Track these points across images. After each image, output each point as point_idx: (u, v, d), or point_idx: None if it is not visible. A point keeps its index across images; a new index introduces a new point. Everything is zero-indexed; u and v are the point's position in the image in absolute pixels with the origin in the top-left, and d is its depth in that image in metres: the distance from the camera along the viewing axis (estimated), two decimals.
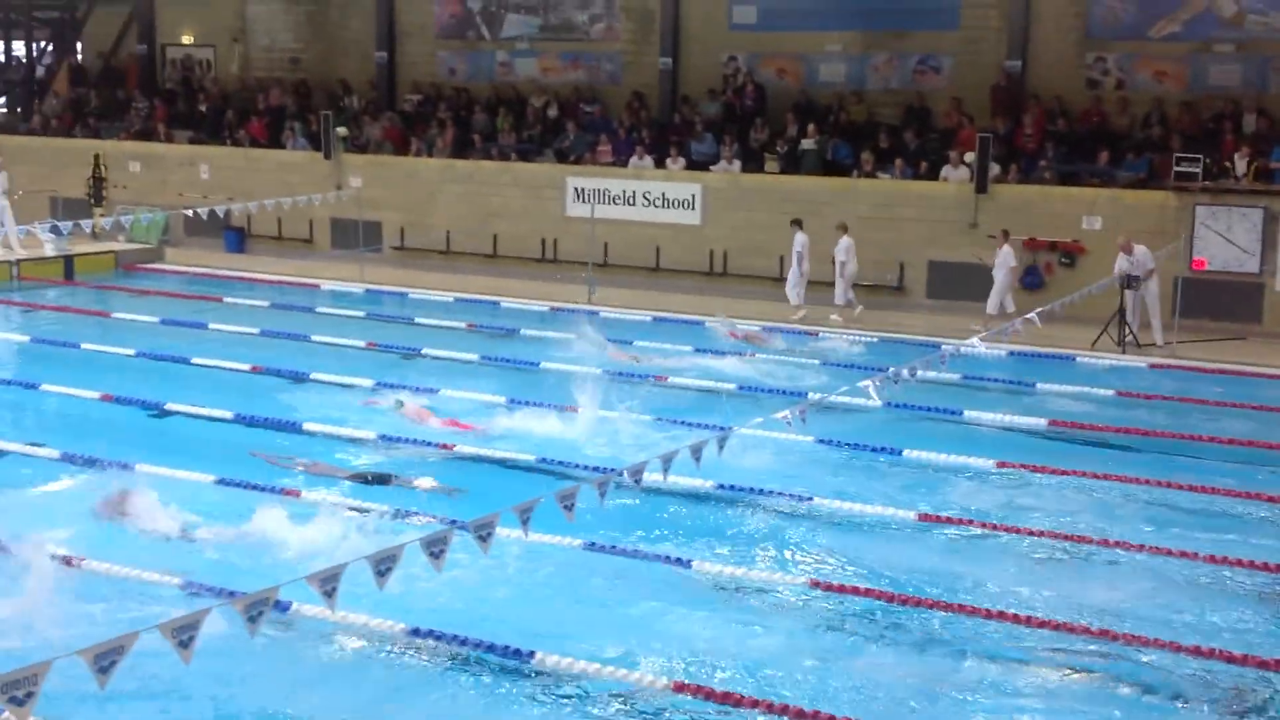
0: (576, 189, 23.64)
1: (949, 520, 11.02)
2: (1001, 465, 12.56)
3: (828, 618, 9.17)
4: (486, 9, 27.30)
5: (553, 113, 25.92)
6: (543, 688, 8.01)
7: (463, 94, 27.07)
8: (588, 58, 26.56)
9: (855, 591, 9.48)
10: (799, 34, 24.63)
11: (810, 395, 12.33)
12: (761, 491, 11.60)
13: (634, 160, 23.74)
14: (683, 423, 13.62)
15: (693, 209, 22.82)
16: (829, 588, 9.53)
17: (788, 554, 10.38)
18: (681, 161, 23.50)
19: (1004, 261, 19.30)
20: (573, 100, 26.08)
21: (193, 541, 10.17)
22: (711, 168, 23.32)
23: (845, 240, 20.11)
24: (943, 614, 9.13)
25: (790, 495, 11.56)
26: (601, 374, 15.97)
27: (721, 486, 11.62)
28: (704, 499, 11.52)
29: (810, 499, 11.46)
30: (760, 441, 12.53)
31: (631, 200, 23.29)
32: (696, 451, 8.98)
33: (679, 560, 9.96)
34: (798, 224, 20.45)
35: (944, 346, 13.23)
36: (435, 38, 27.89)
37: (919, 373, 11.75)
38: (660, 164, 23.57)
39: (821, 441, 13.01)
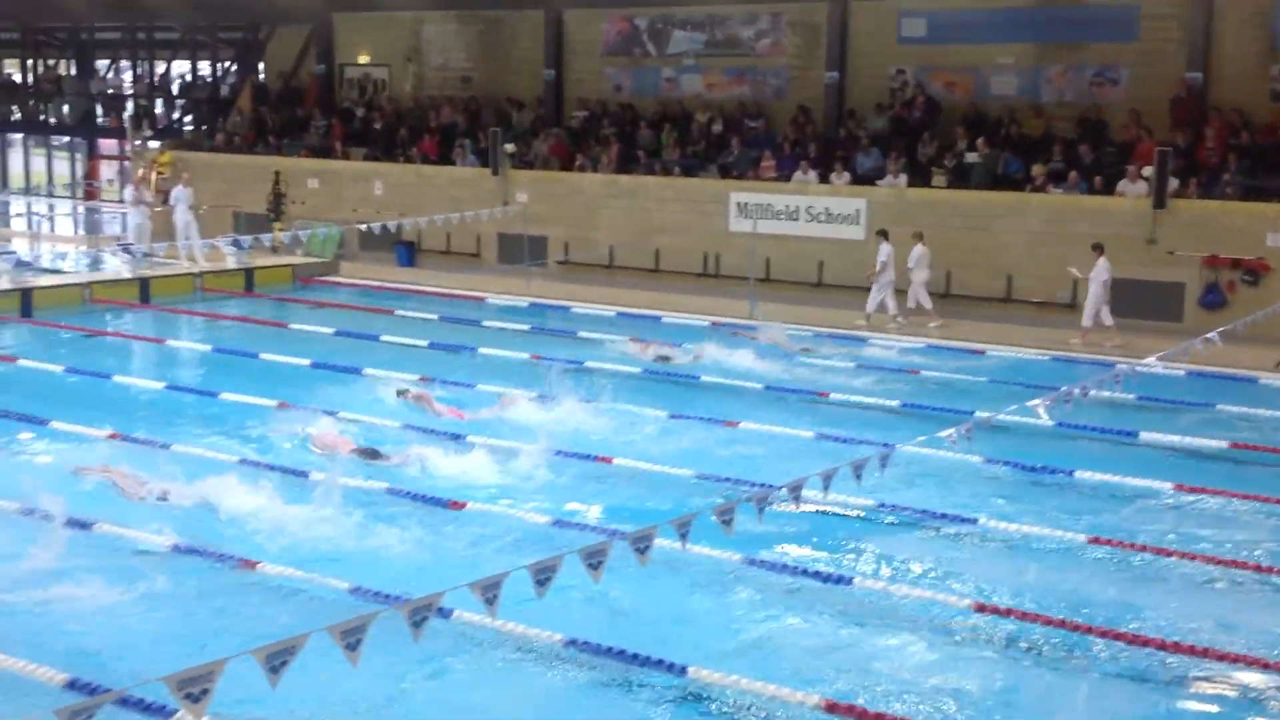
0: (739, 204, 23.61)
1: (1121, 544, 10.64)
2: (1178, 488, 12.09)
3: (990, 641, 8.93)
4: (653, 26, 27.49)
5: (717, 128, 25.94)
6: (696, 703, 7.96)
7: (628, 110, 27.29)
8: (753, 73, 26.53)
9: (1021, 615, 9.21)
10: (970, 46, 24.21)
11: (978, 413, 12.06)
12: (925, 510, 11.38)
13: (798, 175, 23.61)
14: (844, 440, 13.47)
15: (857, 224, 22.59)
16: (994, 610, 9.27)
17: (950, 574, 10.14)
18: (846, 176, 23.29)
19: (1098, 275, 19.02)
20: (737, 115, 26.07)
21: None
22: (877, 182, 23.05)
23: (918, 249, 20.39)
24: (1113, 642, 8.81)
25: (955, 515, 11.31)
26: (764, 389, 15.94)
27: (883, 505, 11.43)
28: (865, 517, 11.35)
29: (975, 519, 11.20)
30: (925, 459, 12.33)
31: (795, 215, 23.17)
32: (858, 469, 8.85)
33: (839, 578, 9.82)
34: (883, 234, 20.62)
35: (1118, 366, 12.82)
36: (602, 55, 28.20)
37: (1091, 392, 11.40)
38: (824, 179, 23.39)
39: (990, 461, 12.71)
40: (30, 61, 38.94)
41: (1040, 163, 22.01)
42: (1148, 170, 20.57)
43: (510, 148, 26.05)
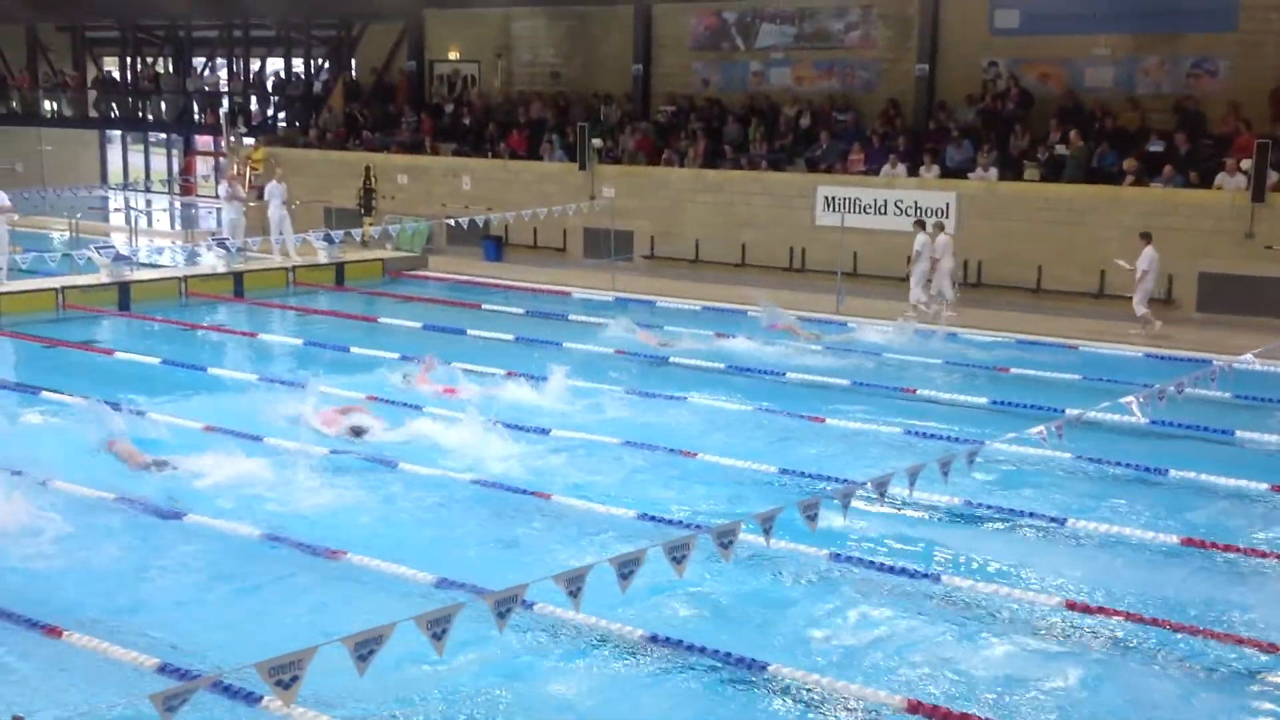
0: (827, 198, 23.46)
1: (1215, 546, 10.41)
2: (1275, 489, 11.79)
3: (1080, 640, 8.78)
4: (742, 20, 27.40)
5: (805, 122, 25.80)
6: (777, 700, 7.93)
7: (715, 104, 27.23)
8: (842, 65, 26.34)
9: (1112, 614, 9.05)
10: (1064, 37, 23.81)
11: (1069, 411, 11.87)
12: (1014, 509, 11.23)
13: (886, 169, 23.40)
14: (932, 435, 13.35)
15: (947, 217, 22.32)
16: (1084, 609, 9.12)
17: (1040, 573, 9.99)
18: (936, 169, 23.03)
19: (1142, 264, 19.10)
20: (826, 109, 25.90)
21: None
22: (968, 175, 22.77)
23: (923, 236, 20.64)
24: (1205, 641, 8.63)
25: (1044, 513, 11.15)
26: (851, 385, 15.83)
27: (971, 503, 11.30)
28: (953, 514, 11.22)
29: (1065, 518, 11.02)
30: (1014, 457, 12.18)
31: (883, 209, 22.98)
32: (945, 466, 8.76)
33: (926, 574, 9.72)
34: (920, 225, 20.87)
35: (1215, 362, 12.54)
36: (690, 49, 28.17)
37: (1185, 390, 11.17)
38: (914, 172, 23.16)
39: (1081, 458, 12.51)
40: (130, 59, 39.82)
41: (1134, 155, 21.59)
42: (1246, 163, 20.10)
43: (597, 142, 26.12)
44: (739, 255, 24.49)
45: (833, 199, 23.36)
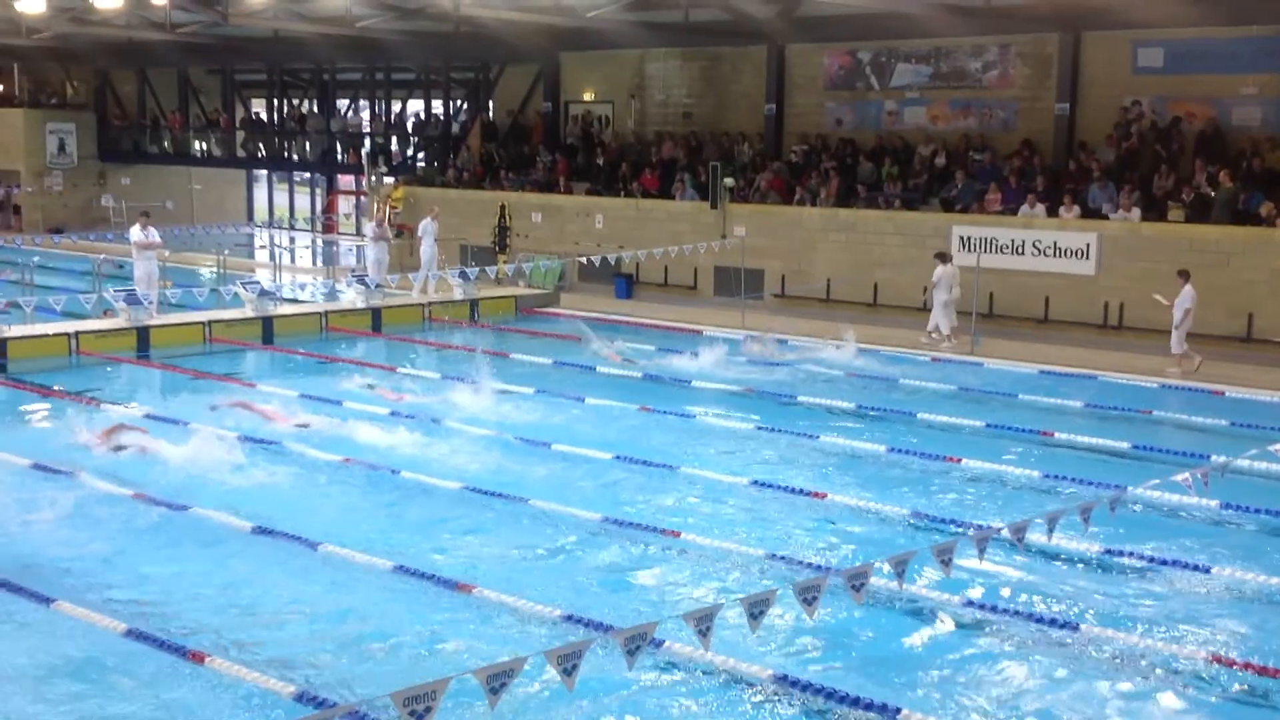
0: (962, 237, 23.15)
1: None
2: None
3: (1225, 694, 8.46)
4: (876, 59, 27.28)
5: (940, 161, 25.54)
6: None
7: (848, 144, 27.11)
8: (979, 105, 26.04)
9: (1260, 670, 8.70)
10: (1210, 76, 23.19)
11: (1215, 458, 11.49)
12: (1155, 557, 10.88)
13: (1025, 209, 23.02)
14: (1072, 480, 13.05)
15: (1087, 258, 21.87)
16: (1229, 663, 8.79)
17: (1183, 624, 9.65)
18: (1076, 209, 22.58)
19: (1183, 302, 19.12)
20: (961, 148, 25.61)
21: None
22: (1110, 215, 22.28)
23: (942, 268, 21.26)
24: None
25: (1187, 562, 10.78)
26: (984, 427, 15.55)
27: (1112, 550, 10.98)
28: (1093, 562, 10.92)
29: (1209, 567, 10.65)
30: (1157, 504, 11.82)
31: (1020, 249, 22.58)
32: (1085, 512, 8.54)
33: (1064, 623, 9.46)
34: (939, 257, 21.50)
35: None
36: (824, 89, 28.10)
37: None
38: (1052, 212, 22.74)
39: (1227, 506, 12.09)
40: (276, 101, 41.14)
41: None
42: None
43: (729, 181, 26.18)
44: (871, 295, 24.27)
45: (968, 239, 23.03)
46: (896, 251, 24.01)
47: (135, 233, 22.91)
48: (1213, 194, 21.55)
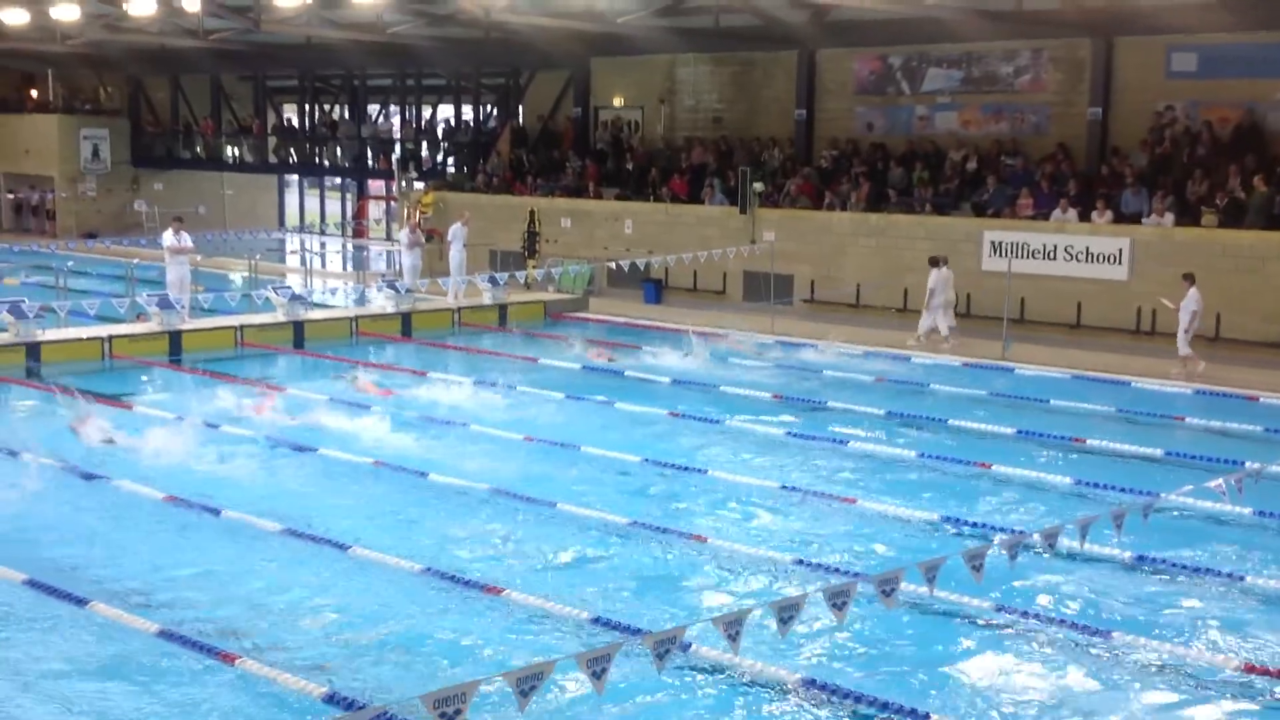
0: (994, 243, 23.04)
1: None
2: None
3: (1261, 704, 8.37)
4: (908, 64, 27.19)
5: (972, 166, 25.43)
6: None
7: (879, 148, 27.03)
8: (1011, 109, 25.92)
9: None
10: (1245, 80, 23.02)
11: (1249, 464, 11.38)
12: (1188, 565, 10.79)
13: (1057, 213, 22.89)
14: (1103, 486, 12.95)
15: (1119, 264, 21.73)
16: (1264, 672, 8.69)
17: (1217, 633, 9.56)
18: (1109, 215, 22.44)
19: (1188, 305, 19.06)
20: (993, 153, 25.49)
21: None
22: (1142, 221, 22.13)
23: (937, 273, 21.43)
24: None
25: (1220, 570, 10.68)
26: (1015, 433, 15.46)
27: (1144, 557, 10.89)
28: (1125, 568, 10.82)
29: (1243, 575, 10.54)
30: (1189, 511, 11.72)
31: (1052, 255, 22.46)
32: (1118, 518, 8.47)
33: (1095, 630, 9.38)
34: (933, 262, 21.60)
35: None
36: (854, 94, 28.04)
37: None
38: (1085, 217, 22.60)
39: (1261, 514, 11.97)
40: (308, 107, 41.36)
41: None
42: None
43: (759, 186, 26.14)
44: (901, 300, 24.17)
45: (1000, 244, 22.92)
46: (927, 257, 23.85)
47: (168, 238, 23.05)
48: (1246, 199, 21.38)
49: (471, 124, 36.66)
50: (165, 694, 8.35)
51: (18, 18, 30.44)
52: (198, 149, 42.60)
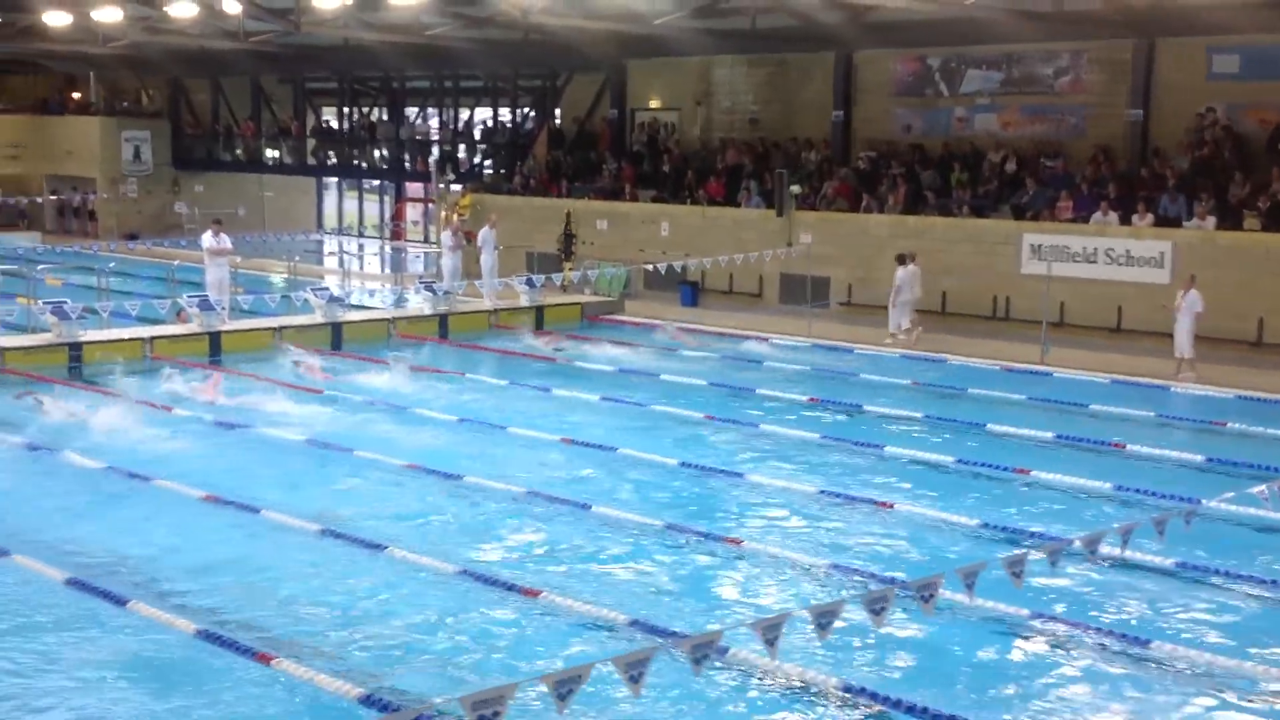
0: (1033, 245, 22.88)
1: None
2: None
3: None
4: (946, 65, 27.05)
5: (1011, 168, 25.26)
6: None
7: (917, 150, 26.90)
8: (1051, 111, 25.73)
9: None
10: None
11: None
12: (1229, 572, 10.67)
13: (1097, 216, 22.70)
14: (1145, 493, 12.83)
15: (1161, 267, 21.53)
16: None
17: (1256, 641, 9.44)
18: (1149, 217, 22.24)
19: (1190, 306, 19.11)
20: (1033, 155, 25.31)
21: None
22: (1184, 224, 21.92)
23: (904, 270, 22.08)
24: None
25: (1261, 578, 10.56)
26: (1053, 438, 15.34)
27: (1185, 564, 10.77)
28: (1167, 575, 10.71)
29: None
30: (1231, 517, 11.59)
31: (1093, 257, 22.28)
32: (1160, 525, 8.38)
33: (1136, 639, 9.29)
34: (900, 259, 22.21)
35: None
36: (892, 95, 27.92)
37: None
38: (1125, 220, 22.41)
39: None
40: (346, 109, 41.56)
41: None
42: None
43: (796, 189, 26.06)
44: (939, 303, 24.03)
45: (1039, 246, 22.77)
46: (966, 259, 23.77)
47: (207, 239, 23.21)
48: None
49: (509, 126, 36.74)
50: (200, 693, 8.39)
51: (60, 20, 30.72)
52: (237, 151, 42.91)
